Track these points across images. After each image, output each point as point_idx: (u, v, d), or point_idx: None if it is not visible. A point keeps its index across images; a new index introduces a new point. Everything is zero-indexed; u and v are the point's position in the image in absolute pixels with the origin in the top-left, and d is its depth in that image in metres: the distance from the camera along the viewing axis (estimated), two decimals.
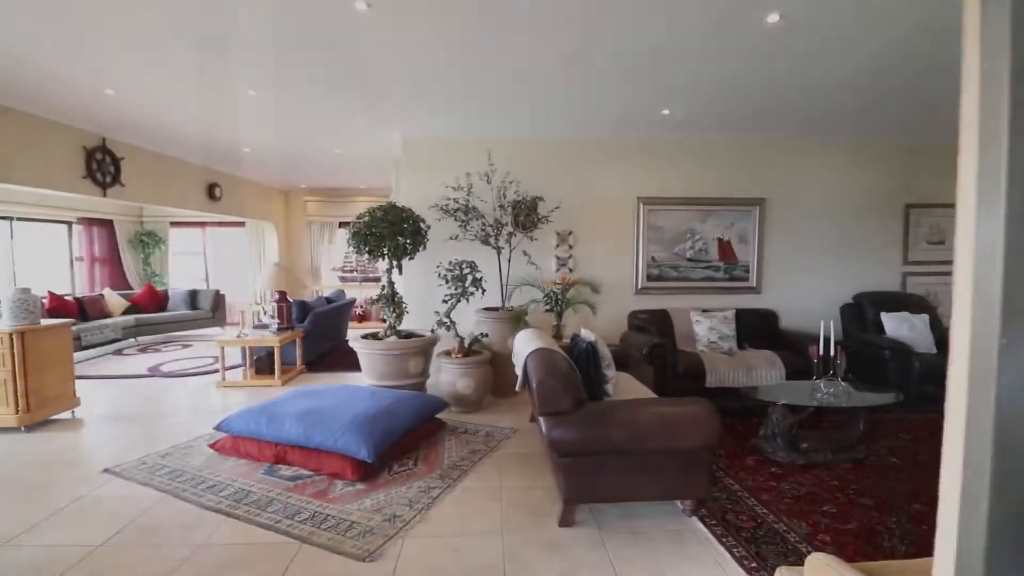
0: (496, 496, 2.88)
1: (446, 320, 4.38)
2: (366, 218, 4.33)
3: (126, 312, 8.02)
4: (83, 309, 7.36)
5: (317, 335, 6.41)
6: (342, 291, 8.19)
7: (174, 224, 9.80)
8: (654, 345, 4.31)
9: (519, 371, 3.26)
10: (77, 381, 5.52)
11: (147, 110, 4.48)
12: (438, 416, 3.95)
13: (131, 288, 8.96)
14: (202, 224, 9.90)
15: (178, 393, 5.10)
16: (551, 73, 3.63)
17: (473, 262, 4.47)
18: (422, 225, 4.61)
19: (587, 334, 3.38)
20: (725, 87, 3.93)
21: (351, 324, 8.79)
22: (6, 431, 3.92)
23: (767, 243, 5.63)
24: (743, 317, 5.01)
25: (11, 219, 7.18)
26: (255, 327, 6.01)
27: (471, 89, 3.95)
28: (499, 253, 4.87)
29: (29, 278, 7.55)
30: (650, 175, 5.50)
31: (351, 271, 10.12)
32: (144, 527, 2.56)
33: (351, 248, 4.36)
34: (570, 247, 5.44)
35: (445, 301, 4.40)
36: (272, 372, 5.50)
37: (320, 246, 10.35)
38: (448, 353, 4.42)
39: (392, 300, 4.60)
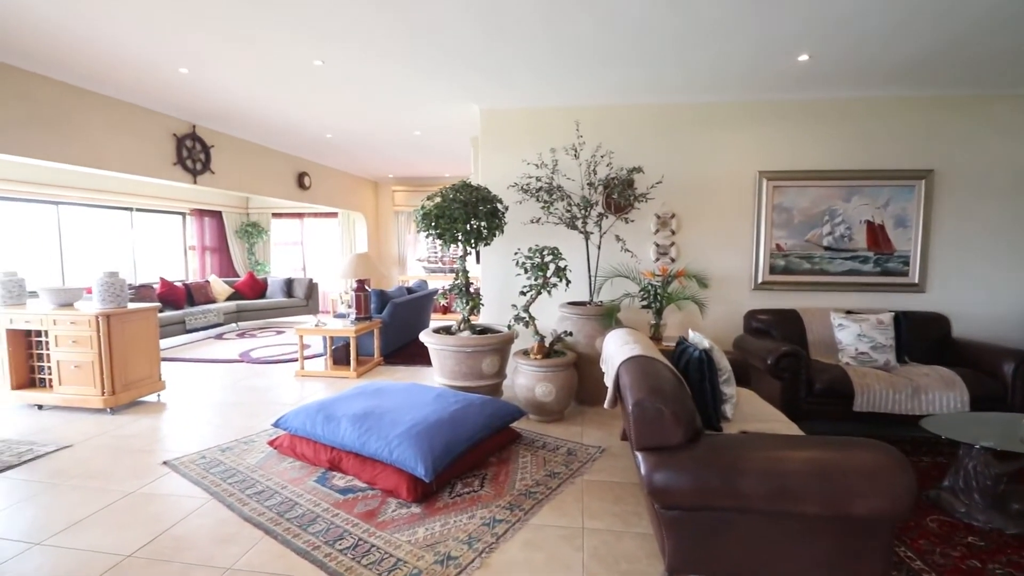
0: (576, 541, 2.27)
1: (524, 315, 3.82)
2: (437, 198, 3.89)
3: (229, 298, 8.44)
4: (190, 294, 7.81)
5: (396, 326, 6.18)
6: (425, 282, 7.97)
7: (275, 215, 10.26)
8: (783, 354, 3.42)
9: (609, 382, 2.61)
10: (174, 364, 5.79)
11: (224, 91, 4.39)
12: (512, 426, 3.41)
13: (238, 275, 9.49)
14: (300, 215, 10.26)
15: (259, 380, 5.06)
16: (654, 14, 2.90)
17: (556, 249, 3.86)
18: (499, 206, 4.08)
19: (697, 338, 2.64)
20: (887, 21, 2.94)
21: (433, 316, 8.59)
22: (93, 412, 4.01)
23: (935, 227, 4.40)
24: (902, 322, 3.91)
25: (131, 209, 7.79)
26: (336, 316, 5.89)
27: (555, 42, 3.32)
28: (587, 239, 4.21)
29: (147, 265, 8.18)
30: (776, 144, 4.51)
31: (436, 261, 9.95)
32: (179, 537, 2.29)
33: (418, 232, 3.93)
34: (672, 232, 4.63)
35: (523, 293, 3.85)
36: (348, 362, 5.32)
37: (406, 236, 10.30)
38: (526, 353, 3.86)
39: (466, 291, 4.13)
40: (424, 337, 4.07)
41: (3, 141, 3.62)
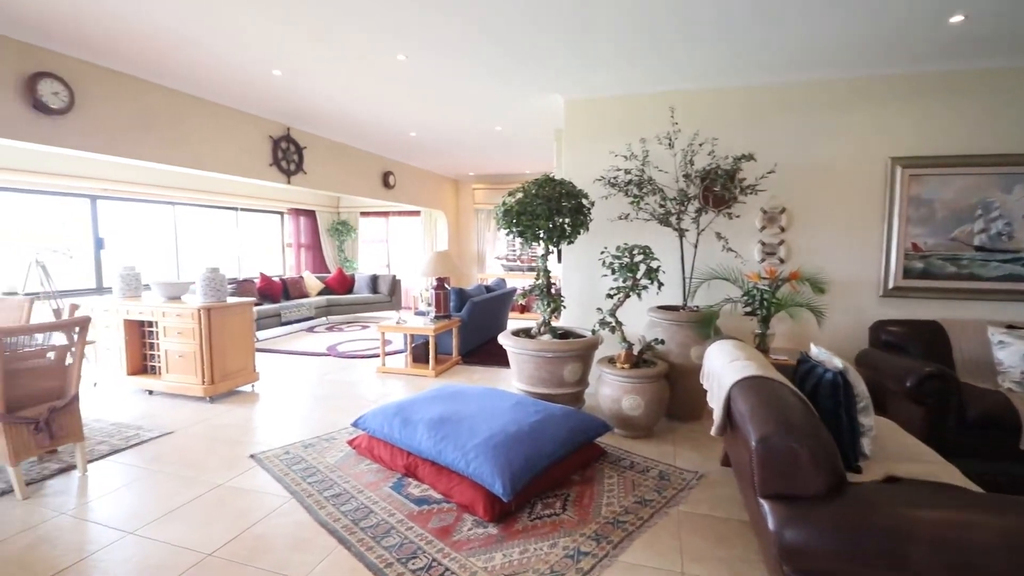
0: None
1: (611, 320, 3.52)
2: (519, 194, 3.68)
3: (320, 293, 8.86)
4: (286, 289, 8.27)
5: (474, 325, 6.09)
6: (503, 280, 7.86)
7: (363, 214, 10.66)
8: (928, 375, 2.84)
9: (717, 405, 2.25)
10: (269, 355, 6.11)
11: (314, 92, 4.48)
12: (596, 441, 3.13)
13: (329, 271, 9.97)
14: (385, 214, 10.58)
15: (344, 375, 5.17)
16: None
17: (647, 248, 3.51)
18: (584, 202, 3.80)
19: (824, 354, 2.22)
20: None
21: (511, 315, 8.46)
22: (194, 400, 4.26)
23: None
24: None
25: (236, 209, 8.39)
26: (416, 314, 5.91)
27: (649, 19, 2.98)
28: (681, 236, 3.82)
29: (249, 261, 8.79)
30: (913, 126, 3.82)
31: (515, 259, 9.82)
32: (259, 537, 2.27)
33: (499, 229, 3.75)
34: (781, 229, 4.09)
35: (610, 296, 3.54)
36: (427, 360, 5.30)
37: (485, 233, 10.27)
38: (612, 361, 3.55)
39: (547, 292, 3.89)
40: (503, 340, 3.89)
41: (120, 145, 3.91)
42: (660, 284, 3.51)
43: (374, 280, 9.35)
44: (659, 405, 3.41)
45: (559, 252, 4.27)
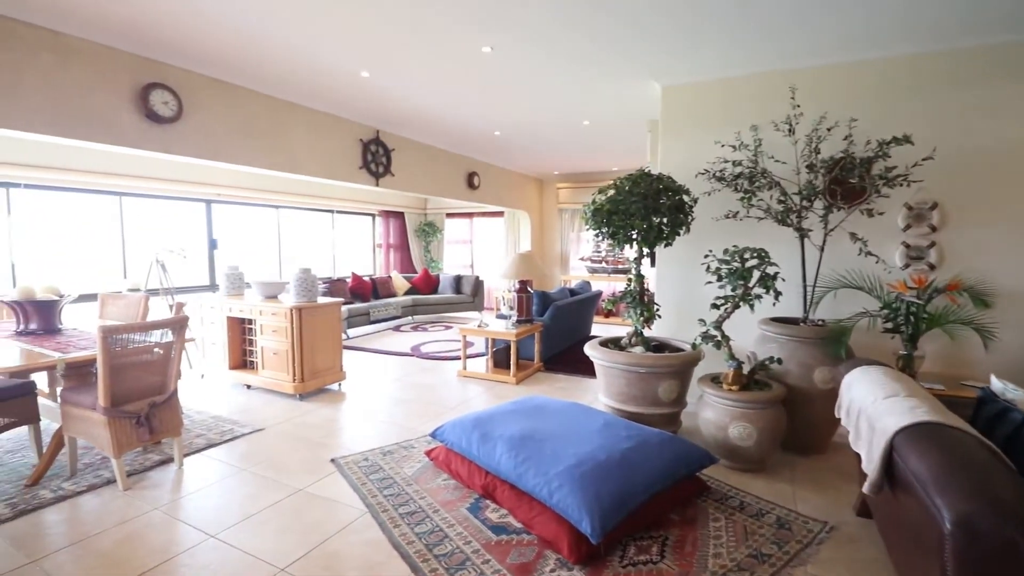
0: None
1: (716, 333, 3.08)
2: (611, 191, 3.35)
3: (407, 293, 9.05)
4: (375, 288, 8.52)
5: (557, 330, 5.82)
6: (588, 283, 7.50)
7: (449, 215, 10.79)
8: None
9: (866, 451, 1.78)
10: (358, 353, 6.26)
11: (401, 91, 4.45)
12: (699, 474, 2.72)
13: (415, 272, 10.19)
14: (470, 215, 10.62)
15: (425, 377, 5.13)
16: None
17: (763, 251, 3.02)
18: (686, 199, 3.37)
19: (1016, 392, 1.68)
20: None
21: (596, 319, 8.07)
22: (285, 396, 4.39)
23: None
24: None
25: (332, 212, 8.78)
26: (498, 316, 5.75)
27: None
28: (803, 238, 3.27)
29: (343, 261, 9.18)
30: None
31: (600, 261, 9.40)
32: (331, 555, 2.17)
33: (588, 230, 3.44)
34: (931, 229, 3.38)
35: (716, 306, 3.10)
36: (508, 366, 5.11)
37: (569, 234, 9.95)
38: (716, 380, 3.11)
39: (640, 299, 3.52)
40: (590, 351, 3.57)
41: (224, 151, 4.10)
42: (778, 294, 3.00)
43: (458, 280, 9.38)
44: (774, 435, 2.91)
45: (652, 255, 3.87)
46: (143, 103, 3.44)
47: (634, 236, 3.40)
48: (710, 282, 3.13)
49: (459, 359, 5.66)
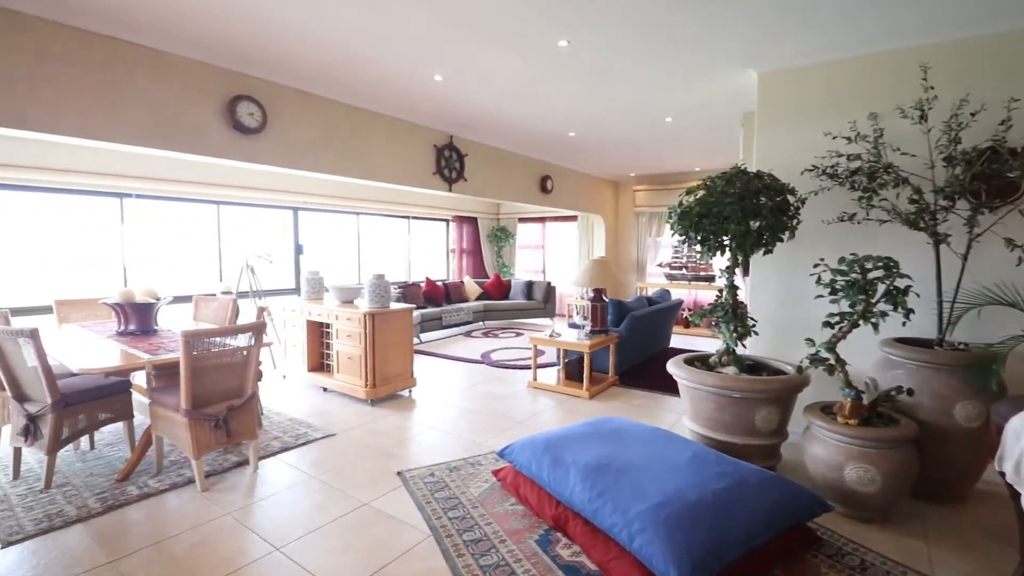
0: None
1: (828, 355, 2.64)
2: (700, 192, 3.00)
3: (478, 298, 9.03)
4: (448, 293, 8.57)
5: (633, 341, 5.46)
6: (667, 291, 7.04)
7: (521, 220, 10.69)
8: None
9: None
10: (429, 358, 6.26)
11: (474, 93, 4.34)
12: (809, 523, 2.32)
13: (487, 277, 10.18)
14: (542, 219, 10.45)
15: (495, 386, 4.99)
16: None
17: (891, 260, 2.55)
18: (791, 199, 2.95)
19: None
20: None
21: (675, 329, 7.57)
22: (358, 401, 4.41)
23: None
24: None
25: (408, 218, 8.96)
26: (570, 325, 5.50)
27: None
28: (938, 244, 2.74)
29: (418, 266, 9.33)
30: None
31: (679, 267, 8.84)
32: None
33: (675, 235, 3.11)
34: None
35: (829, 324, 2.66)
36: (580, 379, 4.84)
37: (646, 239, 9.46)
38: (828, 411, 2.67)
39: (733, 312, 3.13)
40: (674, 369, 3.23)
41: (305, 160, 4.20)
42: (908, 311, 2.52)
43: (529, 286, 9.23)
44: (902, 480, 2.43)
45: (746, 263, 3.45)
46: (230, 115, 3.58)
47: (726, 242, 3.03)
48: (821, 296, 2.69)
49: (529, 368, 5.47)
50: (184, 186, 5.48)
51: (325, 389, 4.76)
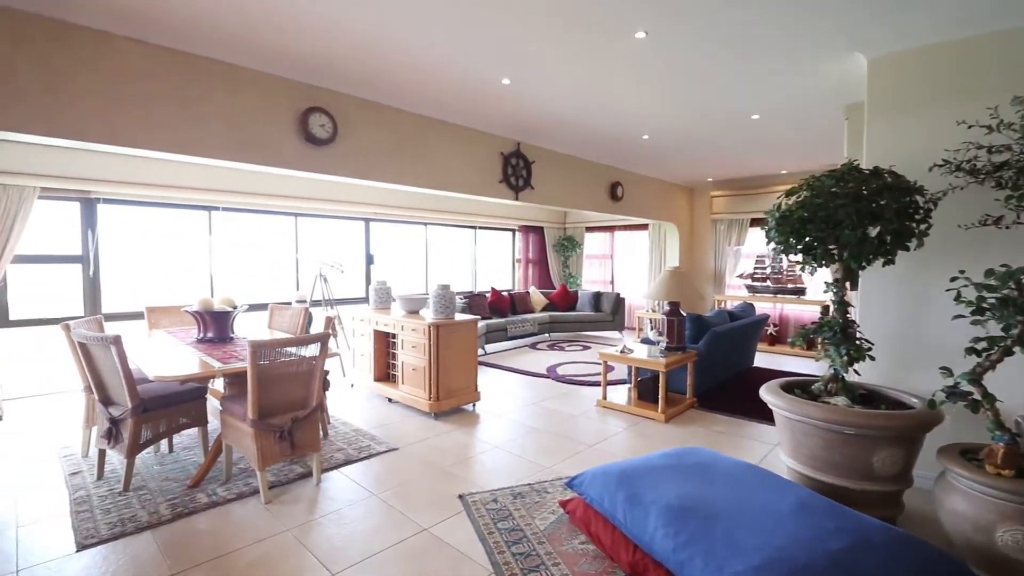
0: None
1: (972, 389, 2.17)
2: (803, 192, 2.62)
3: (544, 309, 8.81)
4: (513, 304, 8.42)
5: (713, 360, 5.00)
6: (750, 305, 6.46)
7: (588, 229, 10.39)
8: None
9: None
10: (493, 370, 6.11)
11: (542, 96, 4.17)
12: None
13: (553, 287, 9.95)
14: (611, 228, 10.09)
15: (561, 403, 4.73)
16: None
17: None
18: (919, 199, 2.50)
19: None
20: None
21: (759, 346, 6.94)
22: (421, 414, 4.32)
23: None
24: None
25: (475, 228, 8.94)
26: (642, 340, 5.13)
27: None
28: None
29: (484, 276, 9.28)
30: None
31: (762, 278, 8.14)
32: None
33: (772, 244, 2.73)
34: None
35: (975, 351, 2.18)
36: (655, 400, 4.47)
37: (725, 248, 8.83)
38: (971, 457, 2.19)
39: (843, 333, 2.69)
40: (769, 397, 2.83)
41: (374, 170, 4.21)
42: None
43: (597, 297, 8.89)
44: None
45: (855, 276, 2.98)
46: (303, 127, 3.64)
47: (833, 250, 2.62)
48: (961, 315, 2.23)
49: (598, 385, 5.18)
50: (265, 199, 5.73)
51: (390, 400, 4.73)
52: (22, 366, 4.67)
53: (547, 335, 8.66)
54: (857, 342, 2.70)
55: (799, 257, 2.73)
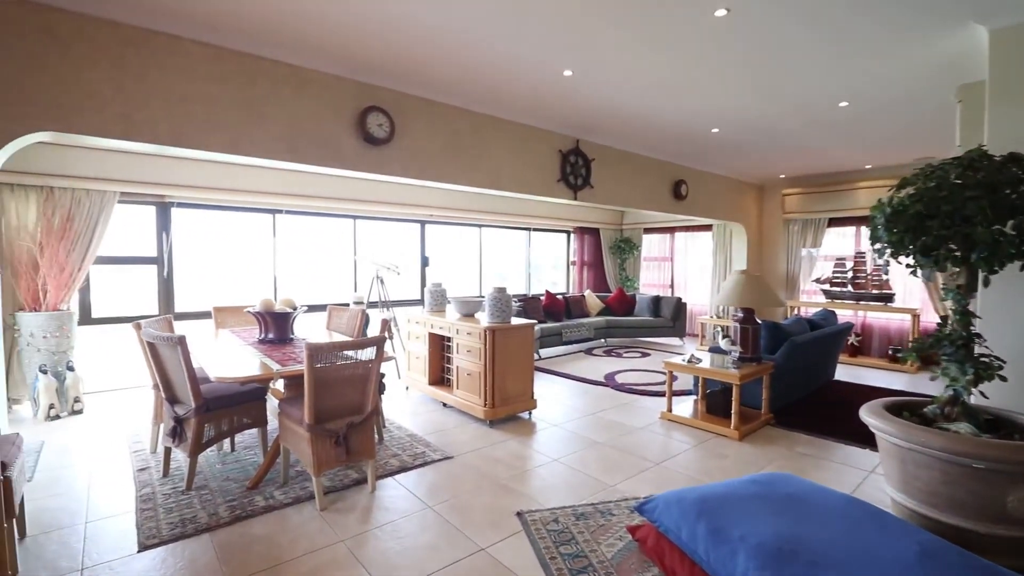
0: None
1: None
2: (920, 183, 2.25)
3: (599, 313, 8.52)
4: (568, 307, 8.18)
5: (792, 372, 4.57)
6: (831, 312, 5.90)
7: (647, 231, 9.99)
8: None
9: None
10: (547, 376, 5.90)
11: (605, 87, 3.94)
12: None
13: (609, 291, 9.63)
14: (671, 229, 9.65)
15: (621, 415, 4.47)
16: None
17: None
18: None
19: None
20: None
21: (840, 357, 6.35)
22: (476, 421, 4.19)
23: None
24: None
25: (529, 229, 8.78)
26: (710, 349, 4.78)
27: None
28: None
29: (537, 279, 9.10)
30: None
31: (842, 283, 7.47)
32: None
33: (878, 244, 2.37)
34: None
35: None
36: (726, 414, 4.12)
37: (798, 250, 8.19)
38: None
39: (966, 348, 2.30)
40: (873, 419, 2.48)
41: (431, 170, 4.14)
42: None
43: (656, 302, 8.49)
44: None
45: (985, 279, 2.56)
46: (361, 127, 3.60)
47: (956, 251, 2.23)
48: None
49: (660, 396, 4.88)
50: (326, 202, 5.82)
51: (444, 404, 4.63)
52: (103, 361, 4.94)
53: (603, 340, 8.36)
54: (984, 359, 2.30)
55: (910, 260, 2.37)
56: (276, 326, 3.65)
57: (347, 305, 5.06)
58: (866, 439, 3.83)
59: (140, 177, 4.66)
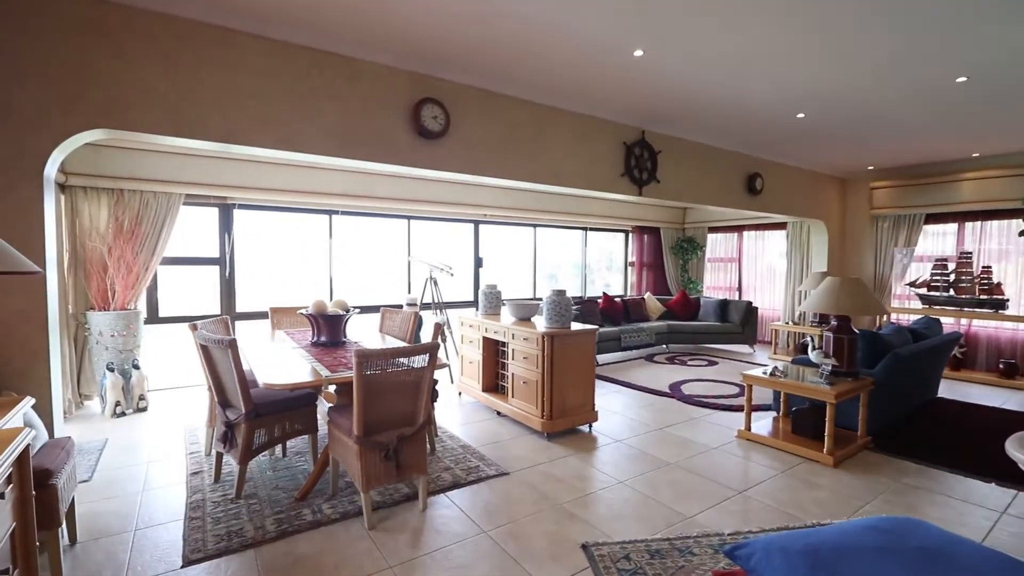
0: None
1: None
2: None
3: (661, 317, 8.04)
4: (627, 311, 7.76)
5: (893, 388, 3.99)
6: (935, 320, 5.19)
7: (711, 230, 9.38)
8: None
9: None
10: (607, 385, 5.53)
11: (679, 69, 3.57)
12: None
13: (671, 293, 9.10)
14: (739, 228, 8.99)
15: (691, 431, 4.06)
16: None
17: None
18: None
19: None
20: None
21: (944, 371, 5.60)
22: (532, 433, 3.92)
23: None
24: None
25: (586, 229, 8.42)
26: (794, 362, 4.27)
27: None
28: None
29: (595, 280, 8.73)
30: None
31: (943, 286, 6.62)
32: None
33: None
34: None
35: None
36: (815, 435, 3.64)
37: (888, 250, 7.37)
38: None
39: None
40: (1017, 451, 1.99)
41: (487, 165, 3.91)
42: None
43: (723, 306, 7.90)
44: None
45: None
46: (415, 120, 3.43)
47: None
48: None
49: (733, 410, 4.46)
50: (380, 202, 5.75)
51: (499, 413, 4.40)
52: (168, 360, 5.07)
53: (664, 346, 7.87)
54: None
55: None
56: (328, 329, 3.54)
57: (400, 307, 4.94)
58: (990, 470, 3.25)
59: (204, 179, 4.73)
